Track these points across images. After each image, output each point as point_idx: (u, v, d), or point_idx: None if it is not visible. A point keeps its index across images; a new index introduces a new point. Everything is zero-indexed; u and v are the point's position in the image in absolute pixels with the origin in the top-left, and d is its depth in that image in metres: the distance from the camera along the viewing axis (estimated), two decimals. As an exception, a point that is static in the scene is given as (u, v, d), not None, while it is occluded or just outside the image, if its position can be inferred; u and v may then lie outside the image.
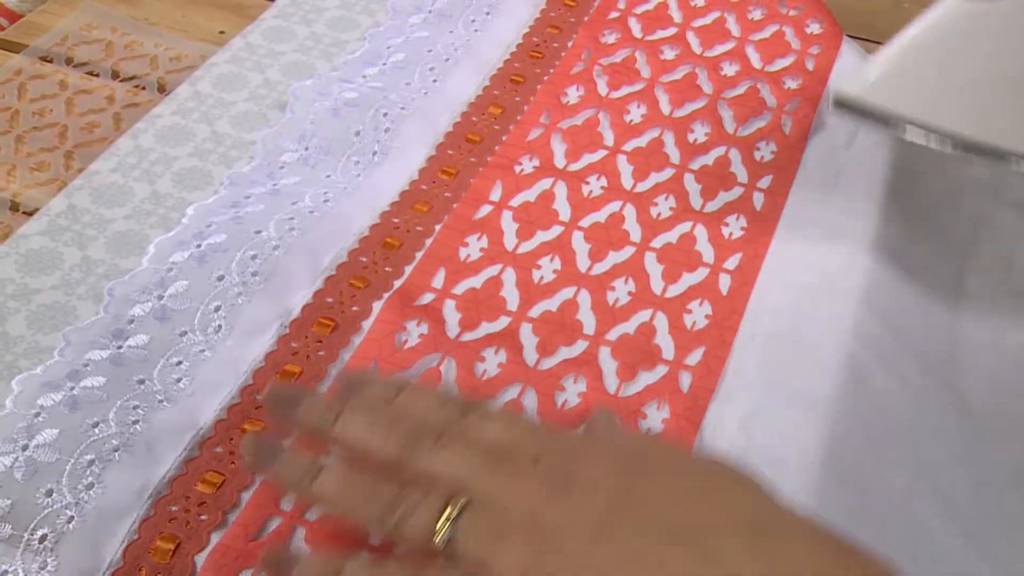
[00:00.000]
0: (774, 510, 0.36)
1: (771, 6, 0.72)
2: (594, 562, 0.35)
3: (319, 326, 0.52)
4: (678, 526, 0.35)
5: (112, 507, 0.44)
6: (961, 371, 0.54)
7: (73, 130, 0.66)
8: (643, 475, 0.38)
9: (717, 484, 0.38)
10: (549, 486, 0.37)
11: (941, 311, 0.57)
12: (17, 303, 0.52)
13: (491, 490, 0.38)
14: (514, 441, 0.40)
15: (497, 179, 0.60)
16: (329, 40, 0.70)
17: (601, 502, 0.36)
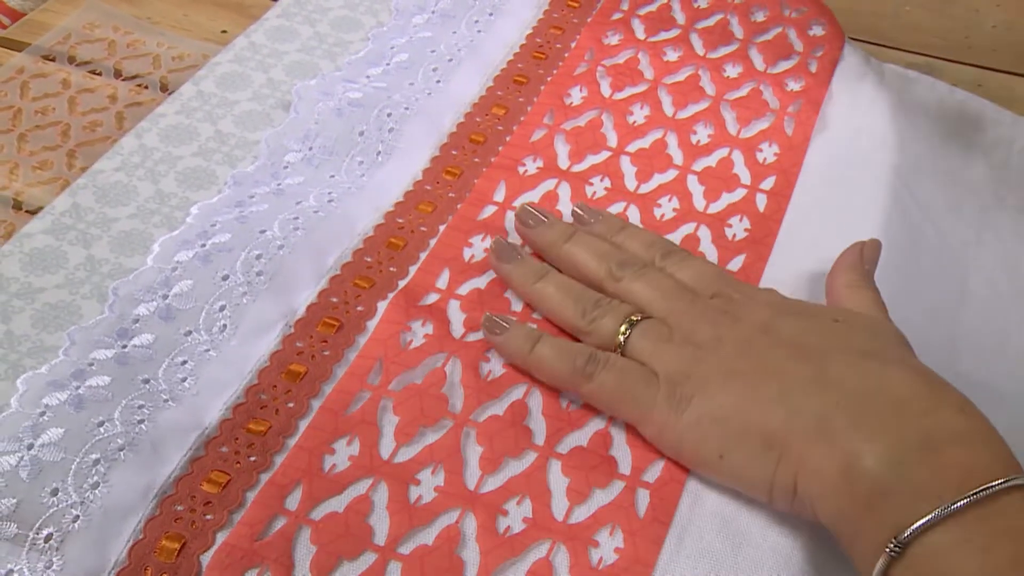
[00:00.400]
0: (889, 347, 0.45)
1: (774, 8, 0.72)
2: (728, 368, 0.44)
3: (324, 326, 0.52)
4: (803, 349, 0.44)
5: (118, 506, 0.44)
6: (962, 371, 0.54)
7: (76, 129, 0.66)
8: (788, 314, 0.47)
9: (848, 327, 0.46)
10: (714, 313, 0.47)
11: (943, 312, 0.57)
12: (21, 302, 0.52)
13: (667, 312, 0.48)
14: (700, 282, 0.50)
15: (501, 179, 0.60)
16: (333, 40, 0.70)
17: (751, 329, 0.46)
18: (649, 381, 0.46)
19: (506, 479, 0.47)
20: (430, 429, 0.48)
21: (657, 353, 0.46)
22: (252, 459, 0.47)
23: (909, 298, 0.56)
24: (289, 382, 0.50)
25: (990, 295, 0.59)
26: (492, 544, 0.44)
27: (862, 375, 0.42)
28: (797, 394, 0.42)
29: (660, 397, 0.45)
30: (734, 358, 0.45)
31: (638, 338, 0.47)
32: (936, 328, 0.56)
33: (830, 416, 0.41)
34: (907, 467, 0.39)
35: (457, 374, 0.50)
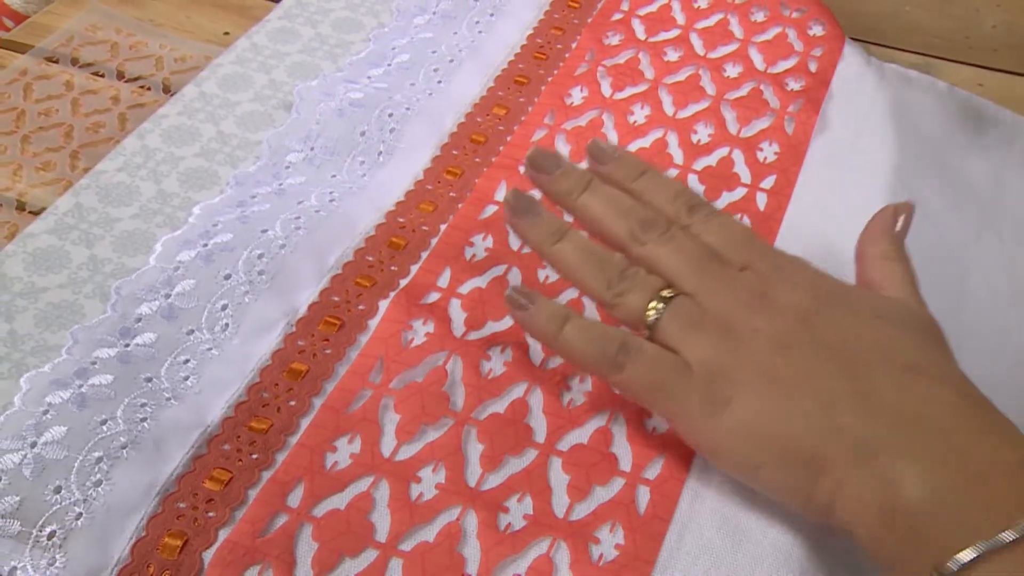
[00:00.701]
0: (933, 357, 0.43)
1: (774, 8, 0.72)
2: (767, 368, 0.42)
3: (326, 324, 0.52)
4: (845, 356, 0.42)
5: (120, 504, 0.44)
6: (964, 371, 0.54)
7: (79, 130, 0.66)
8: (830, 305, 0.44)
9: (891, 327, 0.44)
10: (748, 294, 0.45)
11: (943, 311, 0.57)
12: (25, 301, 0.52)
13: (697, 288, 0.45)
14: (729, 246, 0.47)
15: (502, 179, 0.60)
16: (334, 41, 0.70)
17: (788, 319, 0.43)
18: (682, 372, 0.44)
19: (507, 476, 0.47)
20: (431, 427, 0.48)
21: (689, 340, 0.44)
22: (254, 457, 0.47)
23: None
24: (291, 380, 0.50)
25: (989, 295, 0.59)
26: (493, 541, 0.44)
27: (908, 395, 0.41)
28: (839, 411, 0.40)
29: (695, 395, 0.43)
30: (772, 355, 0.42)
31: (668, 321, 0.45)
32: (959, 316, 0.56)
33: (872, 439, 0.39)
34: (952, 498, 0.38)
35: (458, 372, 0.50)
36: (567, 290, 0.54)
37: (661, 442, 0.48)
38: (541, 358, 0.51)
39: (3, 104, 0.69)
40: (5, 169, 0.63)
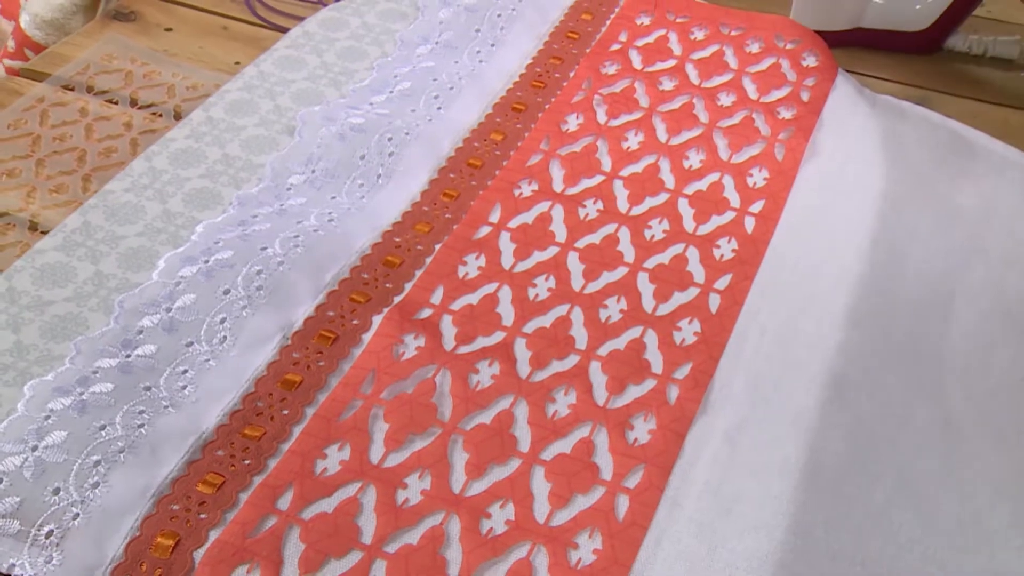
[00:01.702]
0: None
1: (768, 40, 0.74)
2: None
3: (320, 338, 0.54)
4: None
5: (116, 505, 0.46)
6: (947, 389, 0.56)
7: (91, 154, 0.68)
8: None
9: None
10: None
11: (929, 329, 0.59)
12: (31, 314, 0.54)
13: None
14: None
15: (497, 201, 0.62)
16: (339, 69, 0.72)
17: None
18: None
19: (490, 483, 0.48)
20: (419, 436, 0.50)
21: None
22: (246, 462, 0.48)
23: (894, 317, 0.58)
24: (285, 390, 0.51)
25: (977, 315, 0.60)
26: (474, 544, 0.46)
27: None
28: None
29: None
30: None
31: None
32: (923, 345, 0.58)
33: None
34: None
35: (447, 384, 0.52)
36: (556, 307, 0.56)
37: (642, 453, 0.50)
38: (528, 371, 0.53)
39: (20, 129, 0.71)
40: (19, 191, 0.66)
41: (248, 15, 0.84)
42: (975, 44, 0.82)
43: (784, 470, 0.49)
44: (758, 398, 0.53)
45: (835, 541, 0.48)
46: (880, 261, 0.60)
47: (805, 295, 0.58)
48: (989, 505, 0.51)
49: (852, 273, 0.59)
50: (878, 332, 0.57)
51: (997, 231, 0.65)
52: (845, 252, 0.60)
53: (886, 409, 0.54)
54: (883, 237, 0.61)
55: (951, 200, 0.66)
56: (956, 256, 0.63)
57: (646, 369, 0.53)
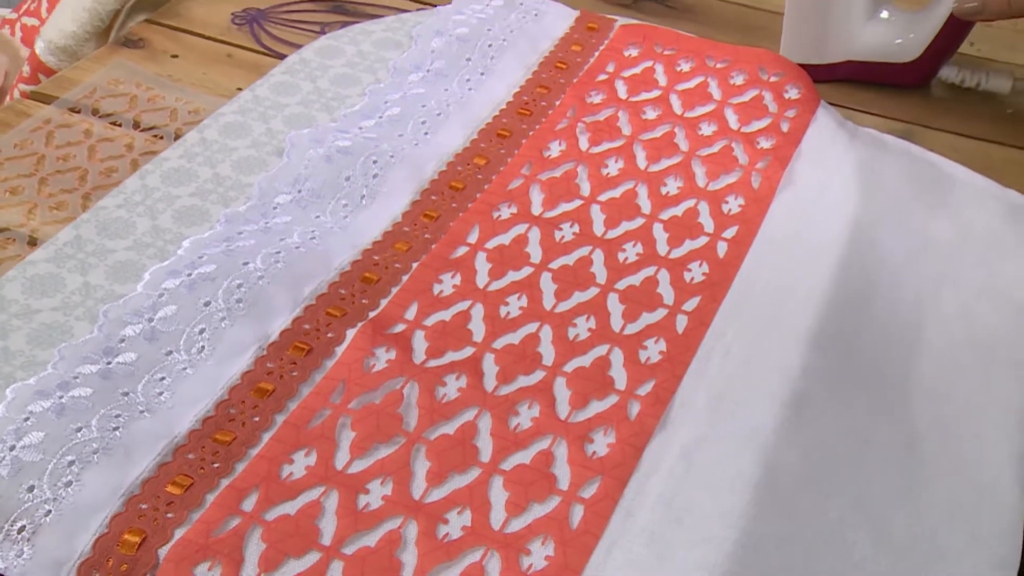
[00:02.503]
0: None
1: (753, 72, 0.76)
2: None
3: (295, 349, 0.56)
4: None
5: (87, 503, 0.48)
6: (911, 413, 0.57)
7: (93, 174, 0.71)
8: None
9: None
10: None
11: (896, 356, 0.60)
12: (19, 321, 0.57)
13: None
14: None
15: (475, 223, 0.64)
16: (331, 95, 0.74)
17: None
18: None
19: (450, 491, 0.50)
20: (383, 444, 0.52)
21: None
22: (215, 465, 0.50)
23: (861, 340, 0.59)
24: (257, 398, 0.53)
25: (945, 343, 0.61)
26: (430, 548, 0.48)
27: None
28: None
29: None
30: None
31: None
32: (888, 369, 0.59)
33: None
34: None
35: (414, 396, 0.54)
36: (526, 324, 0.58)
37: (600, 465, 0.51)
38: (494, 385, 0.55)
39: (25, 149, 0.74)
40: (21, 207, 0.68)
41: (253, 44, 0.86)
42: (968, 77, 0.84)
43: (737, 485, 0.51)
44: (718, 416, 0.54)
45: (786, 556, 0.49)
46: (849, 286, 0.61)
47: (772, 317, 0.59)
48: (946, 525, 0.53)
49: (820, 296, 0.60)
50: (843, 354, 0.58)
51: (971, 261, 0.66)
52: (814, 276, 0.61)
53: (847, 430, 0.55)
54: (853, 263, 0.63)
55: (925, 230, 0.68)
56: (928, 284, 0.64)
57: (610, 385, 0.55)
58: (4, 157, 0.73)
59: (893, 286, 0.63)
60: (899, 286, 0.63)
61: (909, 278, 0.64)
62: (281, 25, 0.89)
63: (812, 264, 0.62)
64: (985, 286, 0.65)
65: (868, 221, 0.65)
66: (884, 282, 0.63)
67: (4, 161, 0.73)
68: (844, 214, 0.65)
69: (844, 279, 0.61)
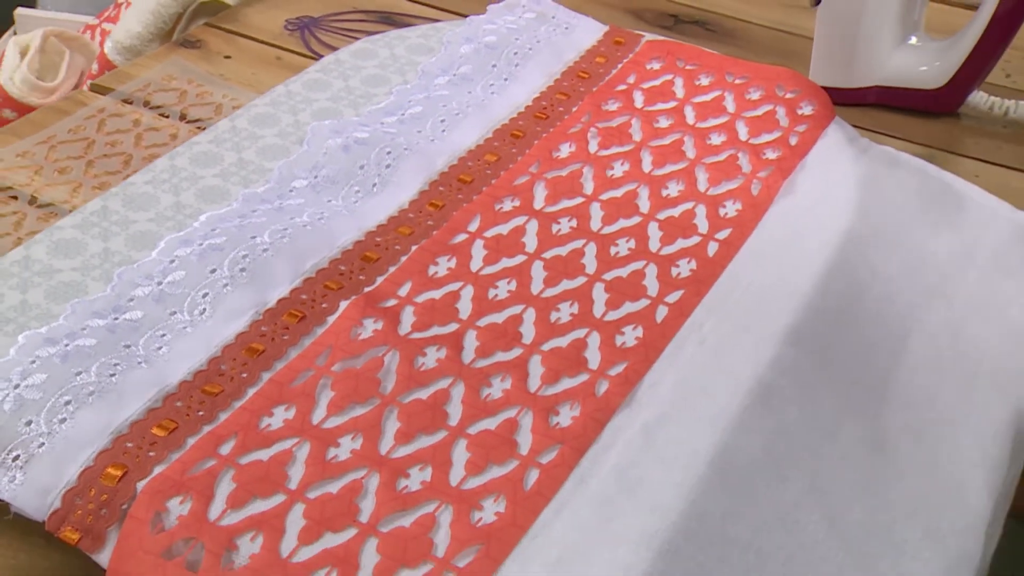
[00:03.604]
0: None
1: (770, 89, 0.78)
2: None
3: (289, 316, 0.59)
4: None
5: (78, 439, 0.52)
6: (884, 415, 0.59)
7: (136, 159, 0.76)
8: None
9: None
10: None
11: (877, 362, 0.62)
12: (40, 279, 0.61)
13: None
14: None
15: (477, 213, 0.67)
16: (360, 93, 0.79)
17: None
18: None
19: (415, 449, 0.53)
20: (359, 404, 0.55)
21: None
22: (200, 414, 0.54)
23: (839, 342, 0.61)
24: (247, 356, 0.57)
25: (931, 355, 0.63)
26: (388, 497, 0.51)
27: None
28: None
29: None
30: None
31: None
32: (867, 373, 0.61)
33: None
34: None
35: (394, 363, 0.57)
36: (512, 307, 0.61)
37: (562, 435, 0.54)
38: (472, 358, 0.58)
39: (78, 135, 0.79)
40: (67, 186, 0.73)
41: (303, 48, 0.91)
42: (996, 105, 0.85)
43: (692, 462, 0.53)
44: (683, 398, 0.56)
45: (732, 529, 0.51)
46: (834, 291, 0.63)
47: (751, 313, 0.61)
48: (904, 520, 0.54)
49: (802, 298, 0.62)
50: (817, 352, 0.60)
51: (969, 279, 0.68)
52: (799, 279, 0.63)
53: (813, 421, 0.57)
54: (842, 270, 0.64)
55: (926, 244, 0.69)
56: (919, 297, 0.66)
57: (583, 365, 0.58)
58: (58, 140, 0.79)
59: (882, 297, 0.65)
60: (889, 297, 0.65)
61: (901, 290, 0.66)
62: (331, 32, 0.93)
63: (799, 268, 0.64)
64: (981, 303, 0.66)
65: (862, 232, 0.67)
66: (873, 292, 0.65)
67: (57, 144, 0.78)
68: (838, 224, 0.67)
69: (829, 284, 0.63)
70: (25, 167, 0.75)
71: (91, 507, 0.50)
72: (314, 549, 0.49)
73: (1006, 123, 0.86)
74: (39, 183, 0.74)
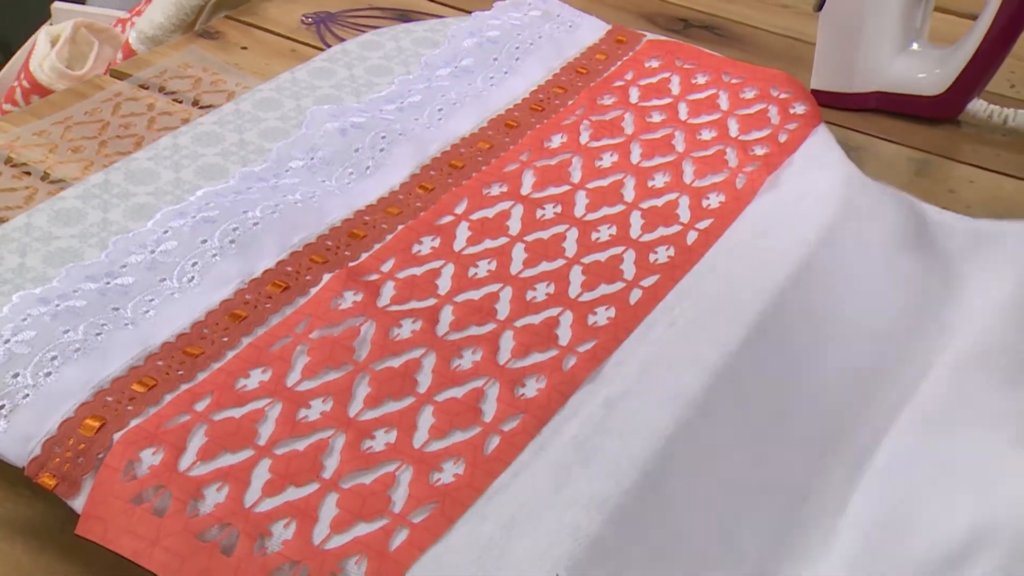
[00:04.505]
0: None
1: (764, 89, 0.80)
2: None
3: (273, 286, 0.62)
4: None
5: (61, 392, 0.54)
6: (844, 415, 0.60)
7: (147, 141, 0.79)
8: None
9: None
10: None
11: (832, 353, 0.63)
12: (39, 244, 0.64)
13: None
14: None
15: (465, 197, 0.69)
16: (363, 81, 0.81)
17: None
18: None
19: (382, 413, 0.55)
20: (333, 370, 0.57)
21: None
22: (180, 373, 0.57)
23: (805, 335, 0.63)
24: (230, 322, 0.60)
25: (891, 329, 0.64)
26: (352, 456, 0.53)
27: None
28: None
29: None
30: None
31: None
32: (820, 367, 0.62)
33: None
34: None
35: (371, 333, 0.59)
36: (489, 285, 0.63)
37: (525, 405, 0.56)
38: (445, 331, 0.60)
39: (94, 116, 0.82)
40: (80, 163, 0.76)
41: (317, 42, 0.94)
42: (996, 113, 0.86)
43: (650, 436, 0.54)
44: (648, 376, 0.58)
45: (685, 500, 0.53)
46: (808, 285, 0.64)
47: (723, 299, 0.63)
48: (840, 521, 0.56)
49: (775, 288, 0.63)
50: (785, 342, 0.62)
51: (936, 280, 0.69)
52: (775, 270, 0.65)
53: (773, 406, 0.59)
54: (816, 265, 0.66)
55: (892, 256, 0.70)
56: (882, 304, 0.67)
57: (553, 341, 0.59)
58: (74, 121, 0.82)
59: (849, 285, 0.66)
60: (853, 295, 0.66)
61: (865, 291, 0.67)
62: (347, 27, 0.96)
63: (776, 260, 0.66)
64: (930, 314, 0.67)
65: (842, 227, 0.68)
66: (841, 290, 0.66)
67: (73, 125, 0.81)
68: (813, 222, 0.68)
69: (803, 278, 0.64)
70: (40, 145, 0.78)
71: (68, 455, 0.52)
72: (276, 501, 0.51)
73: (1005, 131, 0.87)
74: (52, 160, 0.77)
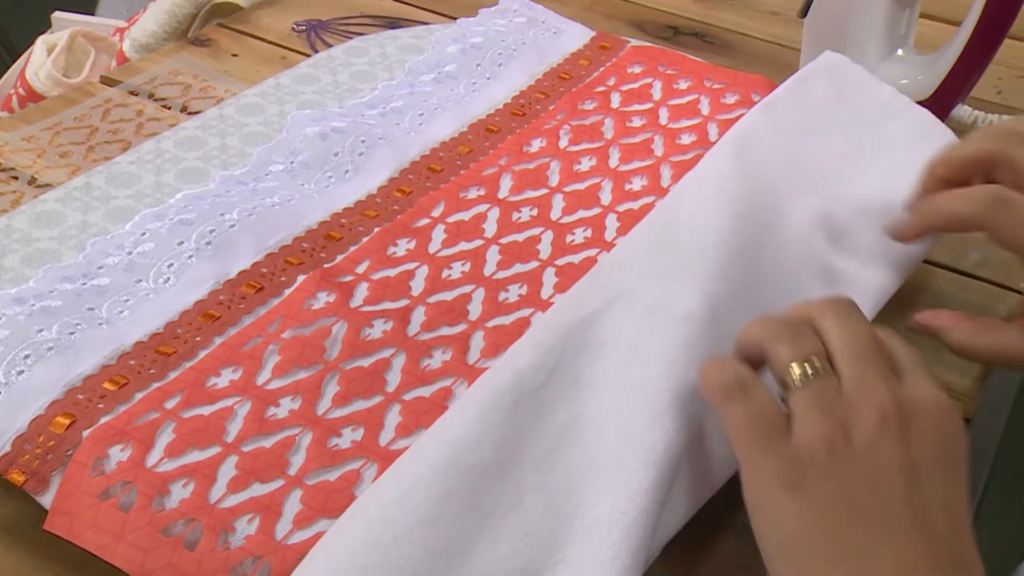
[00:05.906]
0: None
1: (746, 95, 0.81)
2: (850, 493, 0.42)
3: (247, 287, 0.62)
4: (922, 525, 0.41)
5: (33, 390, 0.55)
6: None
7: (135, 146, 0.79)
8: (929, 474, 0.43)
9: None
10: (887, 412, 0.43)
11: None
12: (18, 246, 0.65)
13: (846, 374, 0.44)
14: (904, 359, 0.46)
15: (442, 200, 0.70)
16: (346, 87, 0.82)
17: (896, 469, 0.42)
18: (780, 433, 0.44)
19: (350, 412, 0.56)
20: (303, 369, 0.58)
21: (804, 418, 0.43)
22: (152, 371, 0.57)
23: None
24: (203, 322, 0.60)
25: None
26: (318, 453, 0.53)
27: None
28: None
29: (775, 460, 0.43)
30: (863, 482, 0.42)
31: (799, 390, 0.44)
32: None
33: None
34: None
35: (342, 333, 0.60)
36: (463, 286, 0.63)
37: (492, 405, 0.56)
38: (416, 331, 0.60)
39: (83, 122, 0.83)
40: (67, 168, 0.77)
41: (308, 49, 0.95)
42: (980, 119, 0.87)
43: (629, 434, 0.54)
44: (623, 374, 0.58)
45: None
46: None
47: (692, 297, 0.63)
48: None
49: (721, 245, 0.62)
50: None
51: None
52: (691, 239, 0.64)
53: None
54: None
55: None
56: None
57: (522, 342, 0.60)
58: (63, 127, 0.83)
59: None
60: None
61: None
62: (337, 35, 0.97)
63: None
64: None
65: None
66: None
67: (62, 130, 0.82)
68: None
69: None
70: (29, 150, 0.79)
71: (38, 452, 0.53)
72: (241, 496, 0.52)
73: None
74: (40, 165, 0.78)
